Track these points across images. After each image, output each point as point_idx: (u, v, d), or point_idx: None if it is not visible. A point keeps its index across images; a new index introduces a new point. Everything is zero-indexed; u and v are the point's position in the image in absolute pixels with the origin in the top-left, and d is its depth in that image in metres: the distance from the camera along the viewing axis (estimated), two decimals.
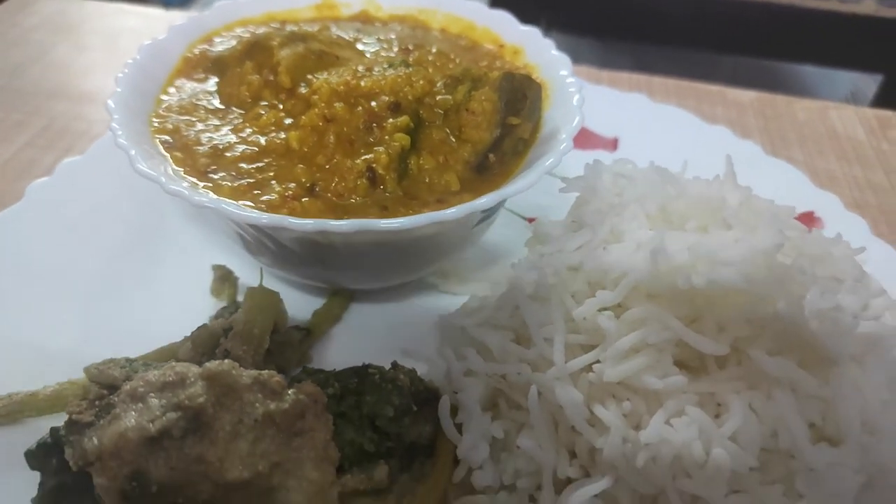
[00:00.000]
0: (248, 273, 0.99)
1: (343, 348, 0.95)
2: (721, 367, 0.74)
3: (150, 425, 0.62)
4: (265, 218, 0.75)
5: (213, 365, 0.66)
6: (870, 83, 2.92)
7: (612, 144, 1.35)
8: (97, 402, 0.67)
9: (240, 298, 0.95)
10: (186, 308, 0.94)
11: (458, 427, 0.77)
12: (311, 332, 0.93)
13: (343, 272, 0.93)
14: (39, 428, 0.75)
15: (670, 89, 1.62)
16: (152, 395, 0.64)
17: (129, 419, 0.63)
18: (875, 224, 1.21)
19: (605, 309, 0.77)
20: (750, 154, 1.26)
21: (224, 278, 0.96)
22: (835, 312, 0.70)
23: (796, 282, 0.73)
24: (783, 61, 3.08)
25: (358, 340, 0.97)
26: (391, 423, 0.72)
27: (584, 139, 1.34)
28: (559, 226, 0.96)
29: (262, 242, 0.88)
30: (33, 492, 0.71)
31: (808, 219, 1.14)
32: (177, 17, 1.79)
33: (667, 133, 1.32)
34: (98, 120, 1.39)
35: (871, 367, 0.75)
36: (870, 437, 0.71)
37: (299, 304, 0.95)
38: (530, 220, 1.17)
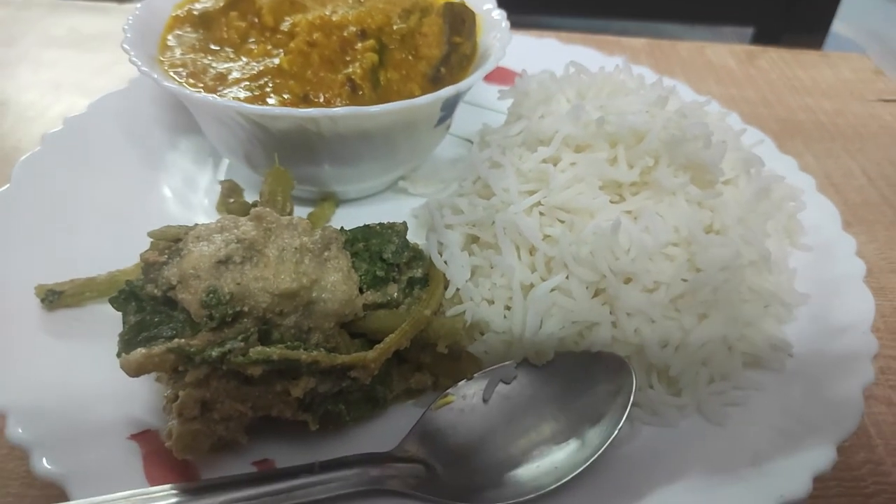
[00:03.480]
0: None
1: None
2: (634, 195, 0.99)
3: (218, 252, 0.81)
4: (282, 110, 0.95)
5: (256, 209, 0.85)
6: (743, 35, 3.40)
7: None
8: (166, 251, 0.85)
9: None
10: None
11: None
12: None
13: (331, 168, 1.12)
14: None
15: (574, 40, 1.90)
16: (215, 235, 0.83)
17: (199, 251, 0.81)
18: (747, 119, 1.51)
19: (545, 160, 1.01)
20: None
21: (231, 190, 1.14)
22: (707, 137, 0.96)
23: (679, 123, 0.99)
24: (666, 22, 3.49)
25: None
26: (395, 255, 0.93)
27: (503, 76, 1.58)
28: (499, 128, 1.20)
29: (261, 144, 1.06)
30: (107, 356, 0.88)
31: None
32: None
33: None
34: None
35: (741, 183, 1.02)
36: (745, 229, 0.98)
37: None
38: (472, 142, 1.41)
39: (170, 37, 1.18)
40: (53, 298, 0.93)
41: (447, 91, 1.03)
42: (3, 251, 0.99)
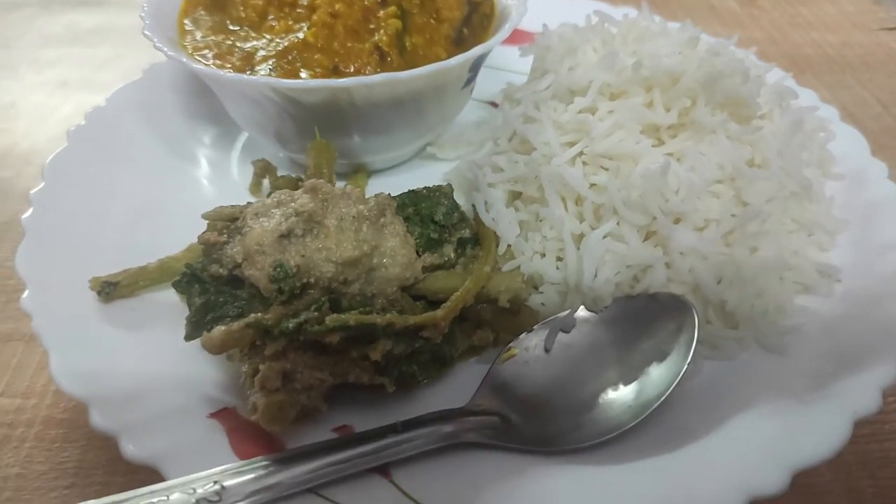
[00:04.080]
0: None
1: None
2: (673, 137, 1.00)
3: (280, 226, 0.81)
4: (316, 82, 0.95)
5: (310, 181, 0.85)
6: None
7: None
8: (224, 230, 0.85)
9: None
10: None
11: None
12: None
13: (364, 137, 1.12)
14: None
15: None
16: (273, 210, 0.84)
17: (261, 227, 0.82)
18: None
19: (582, 111, 1.01)
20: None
21: (264, 169, 1.14)
22: (744, 73, 0.97)
23: (713, 62, 1.00)
24: None
25: None
26: (446, 217, 0.94)
27: (518, 37, 1.58)
28: (524, 84, 1.20)
29: (292, 119, 1.06)
30: (170, 340, 0.89)
31: None
32: None
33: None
34: None
35: (776, 117, 1.03)
36: (784, 161, 0.99)
37: None
38: (494, 105, 1.40)
39: (186, 21, 1.16)
40: (109, 290, 0.93)
41: (476, 51, 1.03)
42: (49, 249, 0.98)
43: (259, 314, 0.77)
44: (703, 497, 0.72)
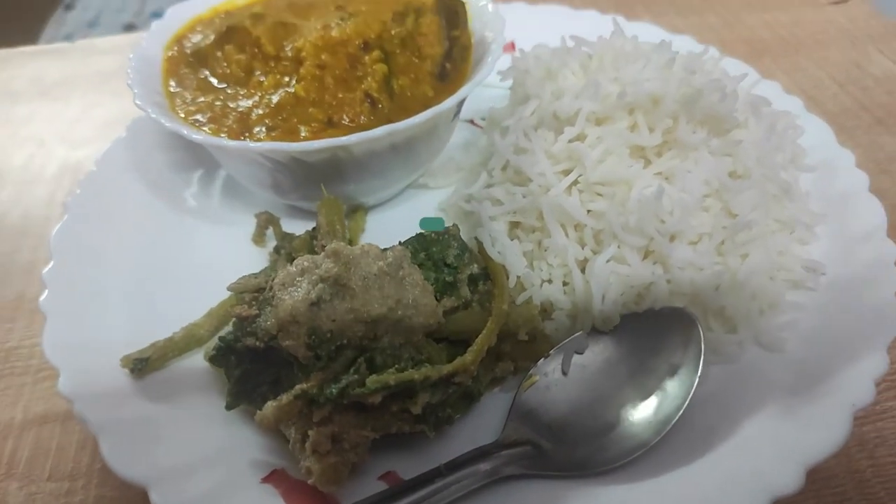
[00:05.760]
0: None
1: None
2: (658, 155, 1.06)
3: (309, 295, 0.85)
4: (319, 143, 0.98)
5: (331, 246, 0.89)
6: None
7: (511, 47, 1.63)
8: (253, 302, 0.89)
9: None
10: (240, 257, 1.16)
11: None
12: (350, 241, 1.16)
13: (360, 182, 1.15)
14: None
15: None
16: (298, 279, 0.87)
17: (291, 297, 0.85)
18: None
19: (572, 140, 1.06)
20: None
21: (268, 221, 1.17)
22: (721, 90, 1.03)
23: (690, 81, 1.05)
24: None
25: (383, 242, 1.22)
26: (458, 259, 0.98)
27: None
28: (506, 108, 1.24)
29: (292, 174, 1.09)
30: (208, 409, 0.93)
31: None
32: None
33: (548, 26, 1.61)
34: None
35: (752, 125, 1.09)
36: (763, 167, 1.06)
37: None
38: (474, 123, 1.44)
39: (171, 82, 1.17)
40: (141, 366, 0.96)
41: (466, 90, 1.07)
42: (73, 330, 1.00)
43: (303, 384, 0.81)
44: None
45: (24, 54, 1.83)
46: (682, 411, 0.89)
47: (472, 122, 1.45)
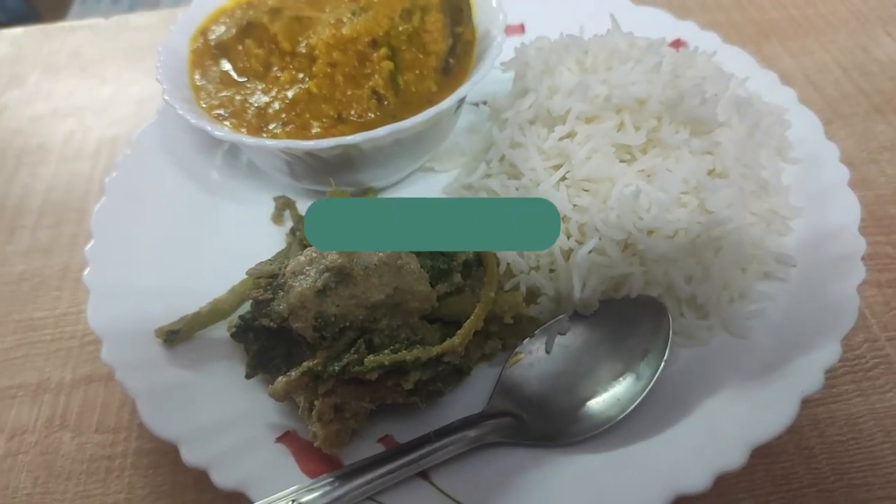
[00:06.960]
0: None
1: None
2: (643, 153, 1.14)
3: (316, 283, 0.97)
4: (329, 142, 1.08)
5: None
6: None
7: (521, 29, 1.69)
8: (268, 287, 1.01)
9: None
10: (260, 237, 1.28)
11: None
12: None
13: (369, 172, 1.25)
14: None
15: None
16: (307, 268, 0.99)
17: (300, 285, 0.97)
18: (727, 36, 1.61)
19: (563, 138, 1.14)
20: (620, 6, 1.60)
21: (285, 204, 1.28)
22: (701, 95, 1.10)
23: (675, 84, 1.12)
24: None
25: None
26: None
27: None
28: (507, 98, 1.32)
29: (307, 165, 1.20)
30: (230, 376, 1.06)
31: (677, 43, 1.53)
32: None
33: (555, 8, 1.66)
34: None
35: (734, 123, 1.16)
36: (742, 166, 1.13)
37: None
38: (484, 103, 1.52)
39: (196, 74, 1.27)
40: (173, 338, 1.09)
41: (465, 90, 1.15)
42: (113, 303, 1.14)
43: (309, 361, 0.94)
44: (677, 477, 0.90)
45: (64, 29, 1.94)
46: (646, 391, 1.00)
47: (479, 104, 1.52)
